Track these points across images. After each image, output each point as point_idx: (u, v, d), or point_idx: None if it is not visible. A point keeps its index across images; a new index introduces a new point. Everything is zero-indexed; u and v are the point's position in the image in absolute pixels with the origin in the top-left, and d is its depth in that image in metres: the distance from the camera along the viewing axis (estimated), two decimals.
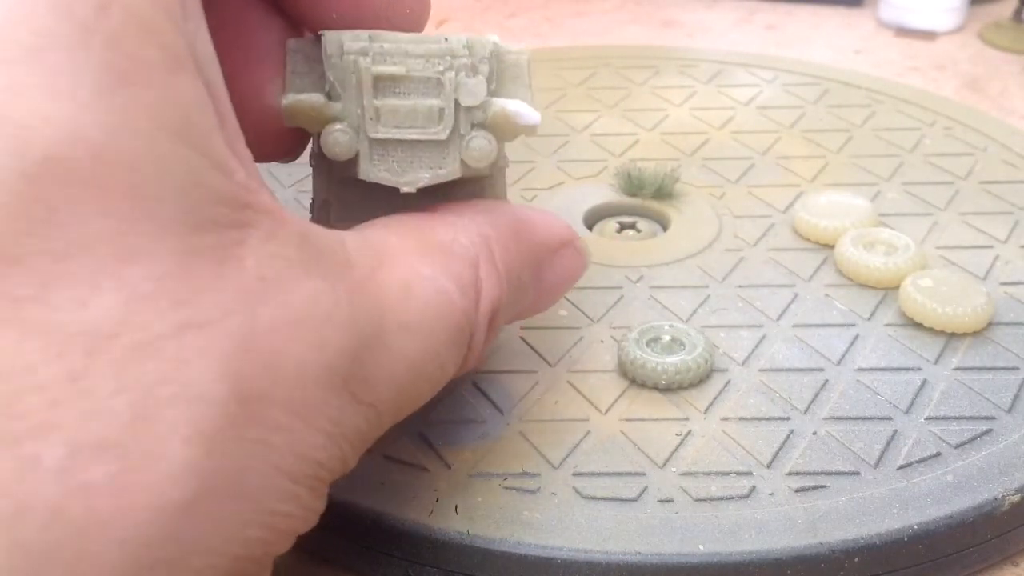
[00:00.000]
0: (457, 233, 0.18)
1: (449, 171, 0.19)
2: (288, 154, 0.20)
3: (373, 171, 0.19)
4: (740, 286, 0.28)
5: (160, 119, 0.13)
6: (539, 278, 0.21)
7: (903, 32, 0.48)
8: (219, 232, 0.13)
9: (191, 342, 0.12)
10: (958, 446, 0.22)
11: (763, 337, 0.25)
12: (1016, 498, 0.21)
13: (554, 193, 0.32)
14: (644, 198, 0.31)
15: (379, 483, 0.21)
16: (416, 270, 0.17)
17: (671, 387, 0.24)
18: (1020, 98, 0.42)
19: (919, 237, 0.29)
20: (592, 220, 0.31)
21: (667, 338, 0.25)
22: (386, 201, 0.20)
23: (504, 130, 0.19)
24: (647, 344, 0.24)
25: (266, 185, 0.15)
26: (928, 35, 0.48)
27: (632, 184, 0.32)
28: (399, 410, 0.17)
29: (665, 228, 0.31)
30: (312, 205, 0.21)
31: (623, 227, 0.31)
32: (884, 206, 0.31)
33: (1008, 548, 0.22)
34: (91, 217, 0.12)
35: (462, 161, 0.19)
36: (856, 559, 0.20)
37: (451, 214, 0.19)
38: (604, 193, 0.32)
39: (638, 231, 0.31)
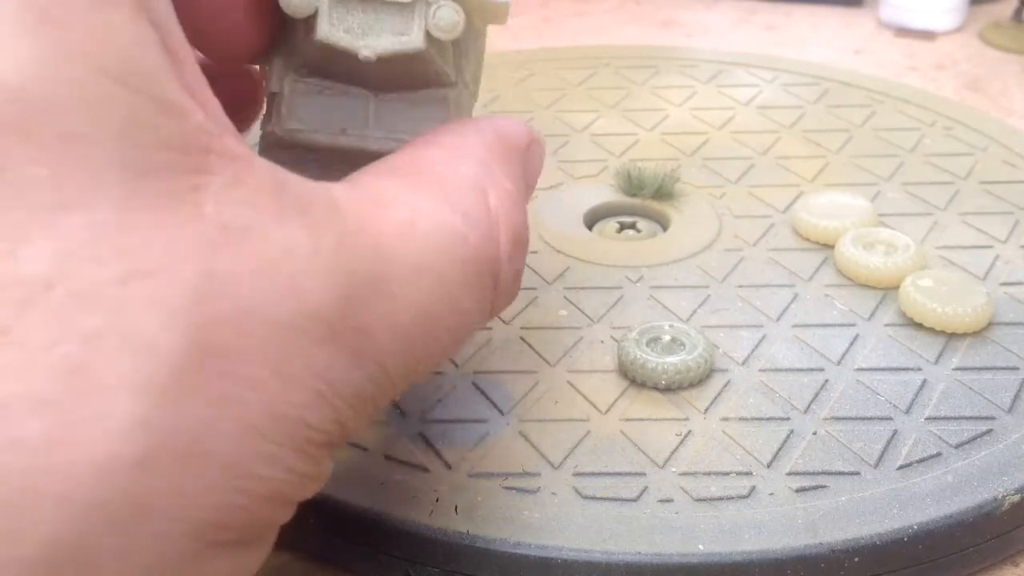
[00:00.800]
0: (457, 163, 0.17)
1: (412, 39, 0.18)
2: (253, 47, 0.19)
3: (332, 32, 0.18)
4: (740, 286, 0.28)
5: (92, 59, 0.12)
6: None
7: (903, 32, 0.48)
8: (170, 178, 0.12)
9: (137, 291, 0.12)
10: (958, 446, 0.22)
11: (763, 337, 0.25)
12: (1016, 498, 0.21)
13: (554, 193, 0.32)
14: (644, 198, 0.31)
15: (379, 483, 0.21)
16: (416, 208, 0.15)
17: (671, 387, 0.24)
18: (1020, 98, 0.42)
19: (919, 237, 0.29)
20: (592, 220, 0.31)
21: (667, 338, 0.25)
22: (341, 99, 0.19)
23: (472, 4, 0.18)
24: (647, 344, 0.24)
25: (235, 131, 0.14)
26: (928, 35, 0.48)
27: (632, 184, 0.32)
28: (412, 365, 0.15)
29: (665, 228, 0.31)
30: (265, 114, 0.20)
31: (623, 227, 0.31)
32: (884, 206, 0.31)
33: (1008, 548, 0.22)
34: (18, 166, 0.11)
35: (427, 32, 0.18)
36: (856, 559, 0.20)
37: (444, 141, 0.18)
38: (604, 193, 0.32)
39: (638, 231, 0.31)
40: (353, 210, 0.14)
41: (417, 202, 0.15)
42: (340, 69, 0.18)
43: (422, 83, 0.19)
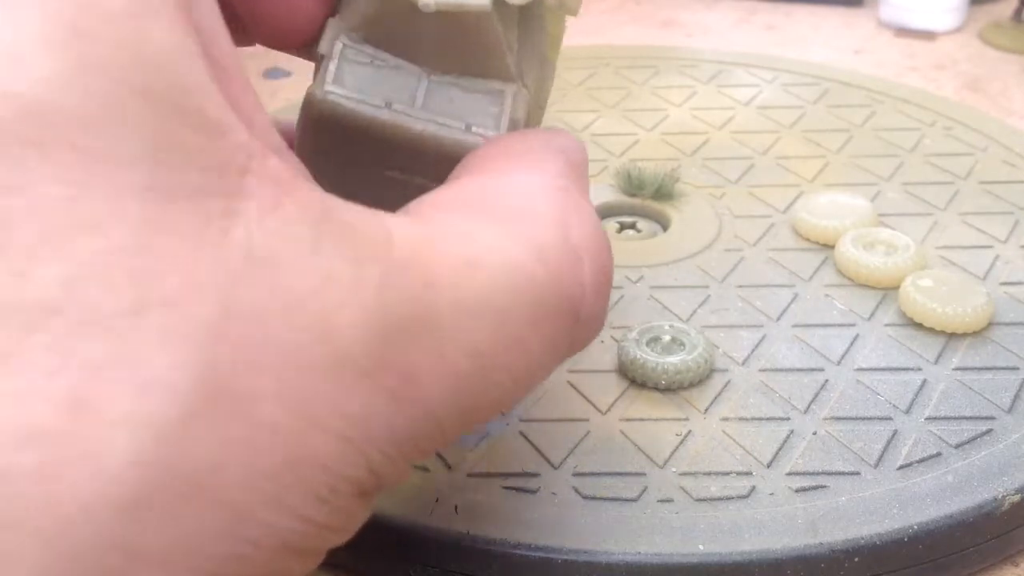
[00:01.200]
0: (536, 196, 0.15)
1: None
2: (313, 26, 0.18)
3: None
4: (740, 286, 0.28)
5: (121, 73, 0.11)
6: None
7: (903, 32, 0.48)
8: (199, 201, 0.12)
9: (148, 322, 0.11)
10: (958, 446, 0.22)
11: (763, 337, 0.25)
12: (1016, 498, 0.21)
13: None
14: (644, 198, 0.31)
15: None
16: (480, 243, 0.14)
17: (671, 387, 0.24)
18: (1020, 98, 0.42)
19: (919, 237, 0.29)
20: None
21: (667, 338, 0.25)
22: (392, 72, 0.18)
23: None
24: (647, 344, 0.24)
25: (285, 149, 0.13)
26: (928, 35, 0.48)
27: (632, 184, 0.32)
28: (467, 410, 0.14)
29: (665, 228, 0.31)
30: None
31: (623, 227, 0.31)
32: (884, 206, 0.31)
33: (1008, 548, 0.22)
34: (35, 184, 0.11)
35: None
36: (856, 559, 0.20)
37: (517, 169, 0.16)
38: (604, 193, 0.32)
39: (638, 231, 0.31)
40: (407, 243, 0.13)
41: (483, 237, 0.14)
42: (396, 36, 0.17)
43: (479, 67, 0.18)
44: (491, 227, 0.15)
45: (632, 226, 0.31)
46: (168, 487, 0.11)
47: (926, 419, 0.23)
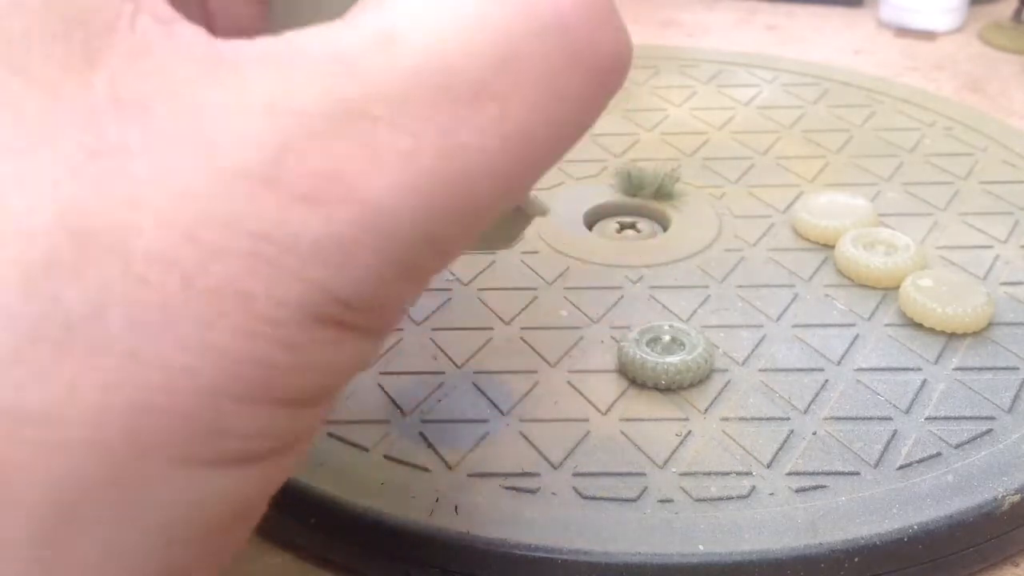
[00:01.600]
0: None
1: None
2: None
3: None
4: (740, 286, 0.28)
5: None
6: None
7: (903, 32, 0.48)
8: (61, 53, 0.11)
9: (3, 170, 0.11)
10: (958, 446, 0.22)
11: (763, 337, 0.25)
12: (1016, 498, 0.21)
13: (554, 193, 0.32)
14: (644, 198, 0.31)
15: (379, 483, 0.21)
16: (399, 15, 0.12)
17: (671, 387, 0.24)
18: (1020, 98, 0.42)
19: (919, 237, 0.29)
20: (592, 220, 0.31)
21: (667, 338, 0.25)
22: None
23: None
24: (647, 344, 0.24)
25: (180, 19, 0.12)
26: (928, 35, 0.48)
27: (632, 184, 0.32)
28: (456, 199, 0.12)
29: (665, 228, 0.31)
30: None
31: (623, 227, 0.31)
32: (884, 206, 0.31)
33: (1008, 548, 0.22)
34: None
35: None
36: (856, 559, 0.20)
37: None
38: (604, 193, 0.32)
39: (638, 231, 0.31)
40: (318, 53, 0.12)
41: (403, 9, 0.12)
42: None
43: None
44: None
45: (632, 226, 0.31)
46: (39, 339, 0.10)
47: (926, 419, 0.23)
